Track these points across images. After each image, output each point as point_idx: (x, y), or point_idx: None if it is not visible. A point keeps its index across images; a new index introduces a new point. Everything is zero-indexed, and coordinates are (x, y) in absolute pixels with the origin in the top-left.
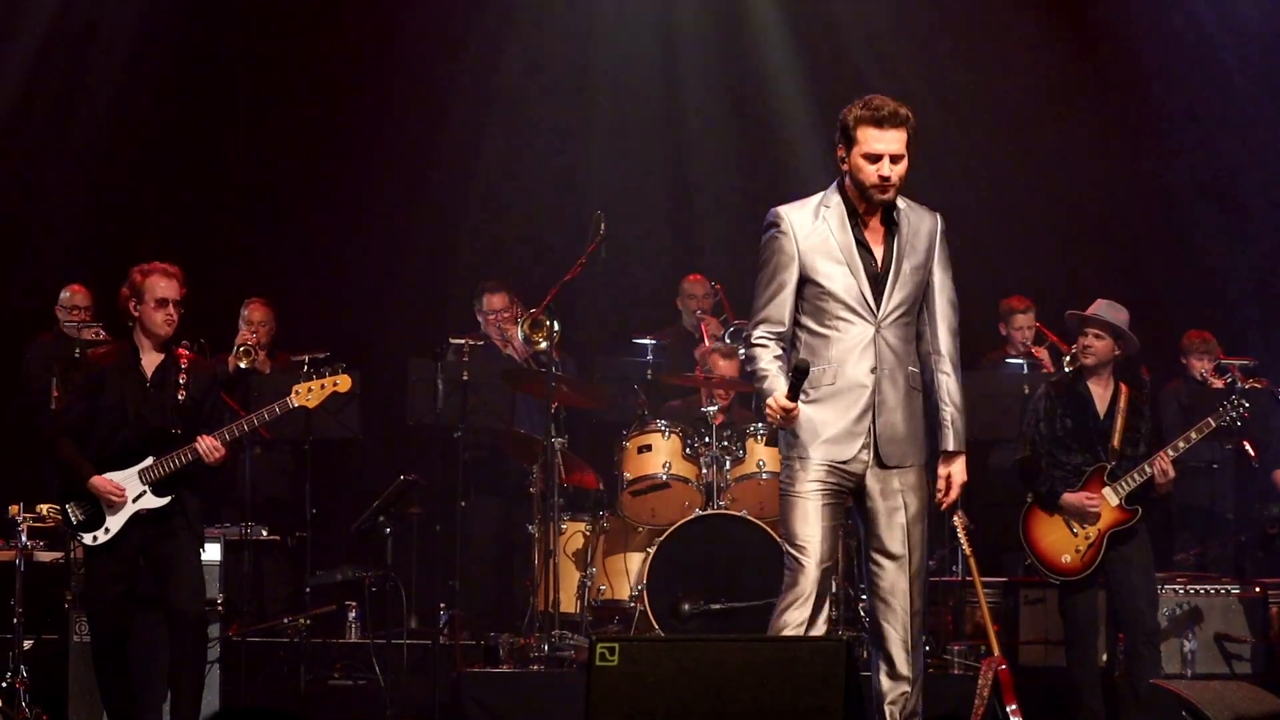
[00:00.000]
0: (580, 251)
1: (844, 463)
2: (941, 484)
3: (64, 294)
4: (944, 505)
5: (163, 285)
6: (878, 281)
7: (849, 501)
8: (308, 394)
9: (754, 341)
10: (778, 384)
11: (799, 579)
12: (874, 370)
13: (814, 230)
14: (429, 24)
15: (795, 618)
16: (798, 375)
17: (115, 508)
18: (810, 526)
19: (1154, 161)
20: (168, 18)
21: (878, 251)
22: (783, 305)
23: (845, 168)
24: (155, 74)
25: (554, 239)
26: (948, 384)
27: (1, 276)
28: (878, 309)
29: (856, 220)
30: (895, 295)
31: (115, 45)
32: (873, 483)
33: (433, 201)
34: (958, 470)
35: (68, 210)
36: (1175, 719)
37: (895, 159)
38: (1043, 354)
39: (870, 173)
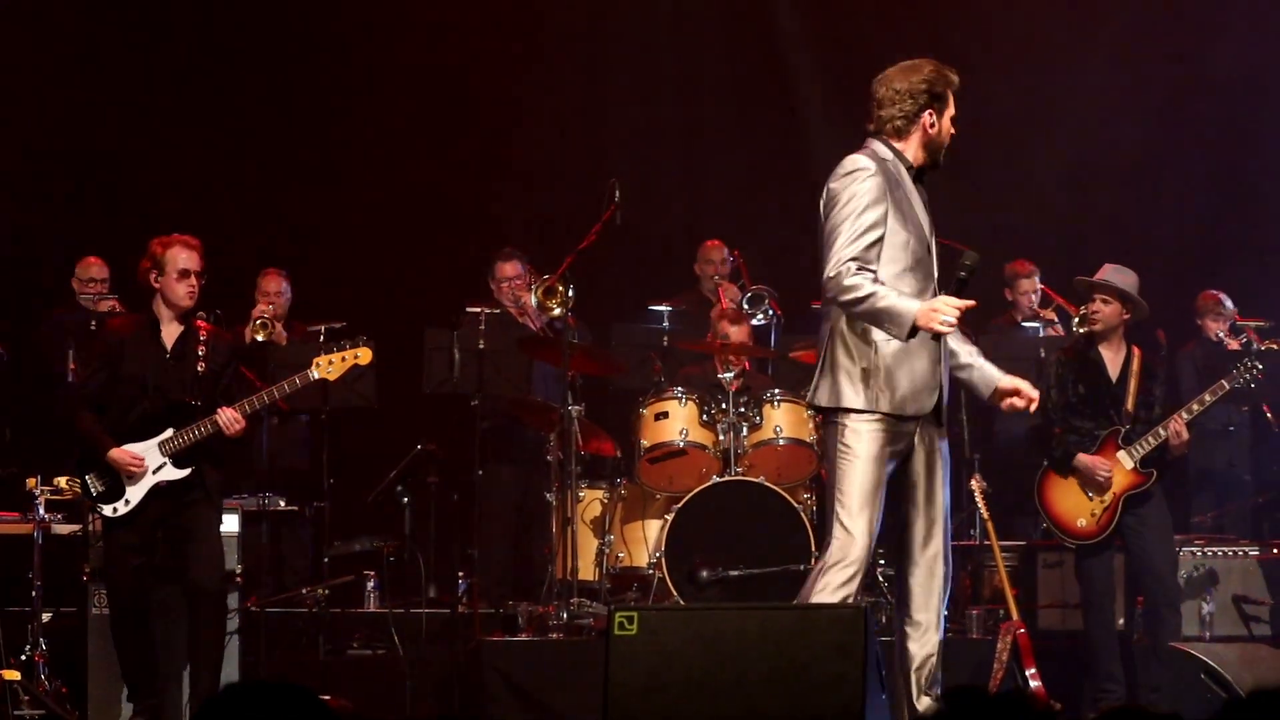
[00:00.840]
0: (595, 219)
1: (911, 419)
2: (1017, 395)
3: (80, 266)
4: (1034, 406)
5: (184, 256)
6: (930, 240)
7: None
8: (328, 366)
9: (854, 272)
10: (906, 301)
11: (850, 549)
12: None
13: (894, 183)
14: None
15: (844, 591)
16: (969, 269)
17: (135, 479)
18: (871, 503)
19: (1163, 117)
20: None
21: (925, 210)
22: (873, 249)
23: (933, 130)
24: (172, 44)
25: (569, 207)
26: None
27: (18, 249)
28: (933, 265)
29: (919, 177)
30: (935, 251)
31: (131, 13)
32: (919, 443)
33: (448, 170)
34: (1018, 380)
35: (84, 181)
36: (1195, 681)
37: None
38: (1050, 316)
39: (950, 133)
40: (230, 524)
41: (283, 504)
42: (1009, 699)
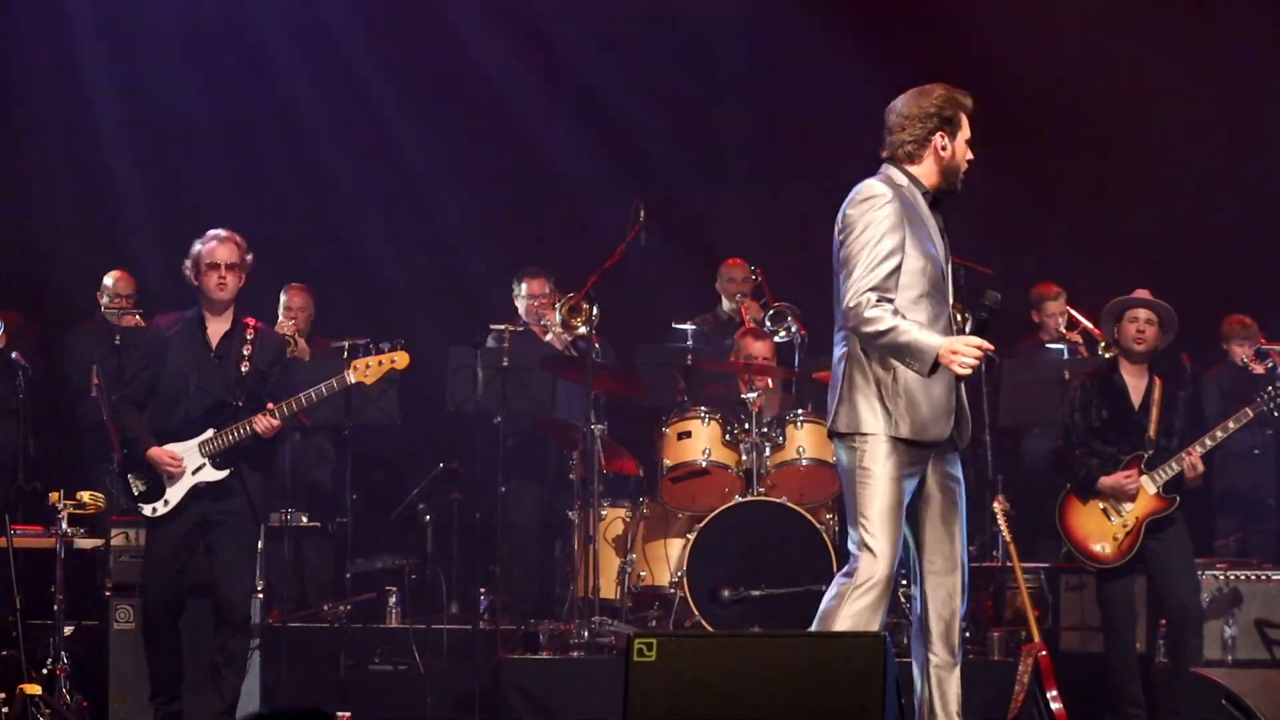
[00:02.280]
0: (620, 239)
1: (928, 443)
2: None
3: (106, 280)
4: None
5: (212, 249)
6: (946, 262)
7: None
8: (365, 370)
9: (874, 304)
10: (930, 336)
11: (876, 569)
12: None
13: (909, 209)
14: (469, 3)
15: (861, 606)
16: (990, 310)
17: (174, 479)
18: (893, 522)
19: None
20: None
21: (939, 235)
22: (893, 278)
23: (946, 154)
24: (194, 56)
25: (594, 226)
26: None
27: (45, 263)
28: (948, 286)
29: (934, 205)
30: (950, 278)
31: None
32: (932, 469)
33: (474, 187)
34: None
35: (109, 197)
36: (1216, 707)
37: (971, 145)
38: (1076, 339)
39: (966, 158)
40: None
41: (305, 519)
42: None
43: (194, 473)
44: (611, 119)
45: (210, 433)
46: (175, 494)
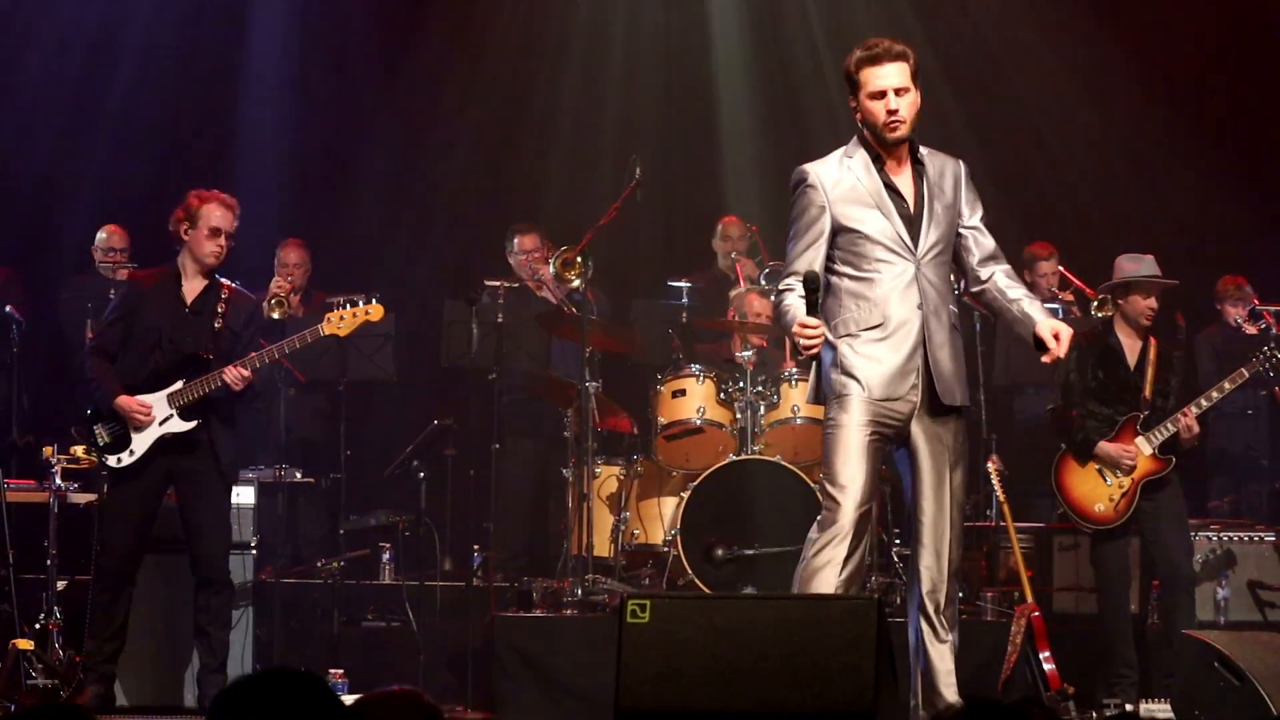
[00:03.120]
0: (616, 195)
1: (893, 401)
2: (1051, 339)
3: (100, 234)
4: (1056, 357)
5: (218, 215)
6: (912, 222)
7: (890, 446)
8: (339, 322)
9: (782, 288)
10: (799, 311)
11: (836, 517)
12: (920, 306)
13: (840, 179)
14: None
15: (828, 556)
16: (807, 288)
17: (142, 428)
18: (852, 466)
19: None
20: None
21: (908, 193)
22: (814, 257)
23: (859, 116)
24: (194, 12)
25: (589, 183)
26: (1008, 280)
27: (39, 217)
28: (915, 247)
29: (881, 166)
30: (931, 234)
31: None
32: (918, 428)
33: (468, 143)
34: (1059, 324)
35: (104, 150)
36: (1208, 669)
37: (900, 92)
38: (1069, 298)
39: (878, 110)
40: (246, 495)
41: (299, 475)
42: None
43: (161, 423)
44: (606, 74)
45: (180, 384)
46: (141, 444)
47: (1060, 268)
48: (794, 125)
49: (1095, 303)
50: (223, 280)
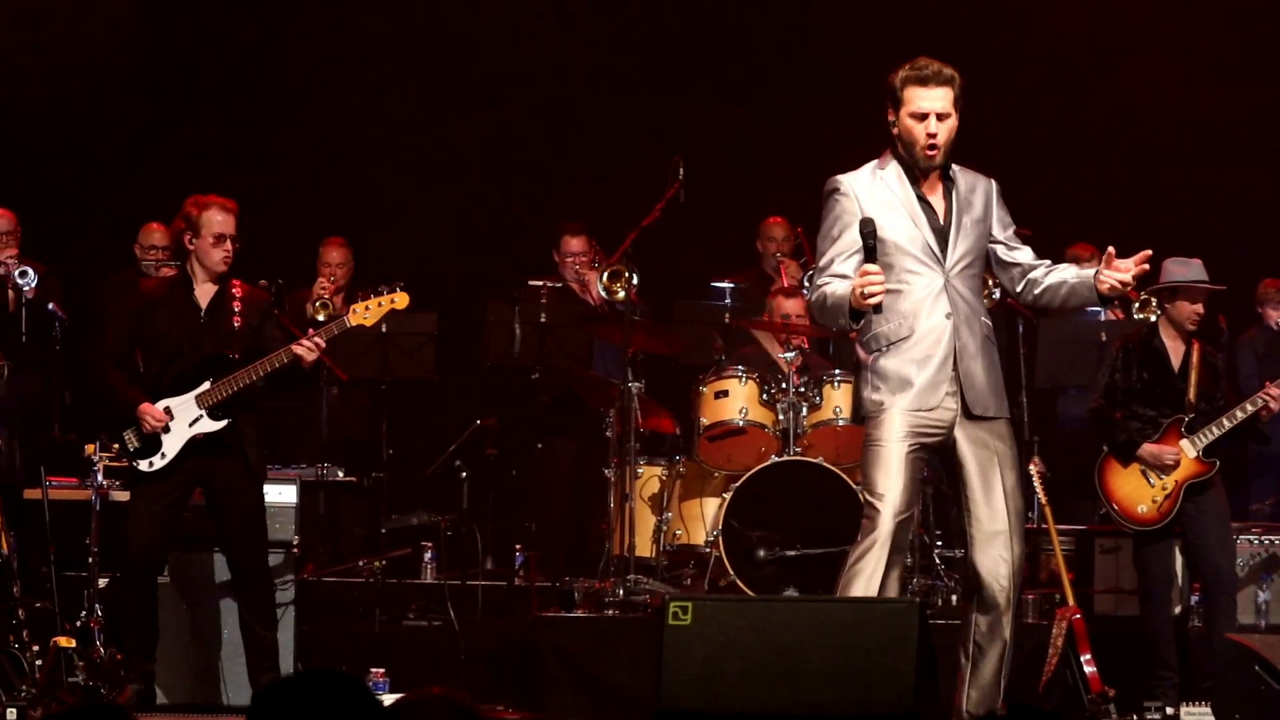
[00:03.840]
0: (659, 196)
1: (930, 410)
2: (1130, 263)
3: (142, 232)
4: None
5: (220, 220)
6: (942, 234)
7: (932, 455)
8: (365, 312)
9: (818, 284)
10: (841, 287)
11: (875, 527)
12: (949, 316)
13: (873, 190)
14: None
15: (868, 565)
16: (864, 232)
17: (171, 433)
18: (890, 477)
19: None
20: None
21: (939, 206)
22: (848, 264)
23: (895, 131)
24: (231, 9)
25: (633, 183)
26: (1048, 266)
27: (82, 214)
28: (944, 259)
29: (914, 178)
30: (960, 245)
31: None
32: (961, 435)
33: (511, 143)
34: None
35: (148, 148)
36: (1249, 672)
37: (941, 117)
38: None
39: (918, 133)
40: (288, 494)
41: (341, 474)
42: None
43: (191, 425)
44: (652, 71)
45: (207, 385)
46: (172, 447)
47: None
48: (840, 126)
49: (1136, 304)
50: (234, 281)
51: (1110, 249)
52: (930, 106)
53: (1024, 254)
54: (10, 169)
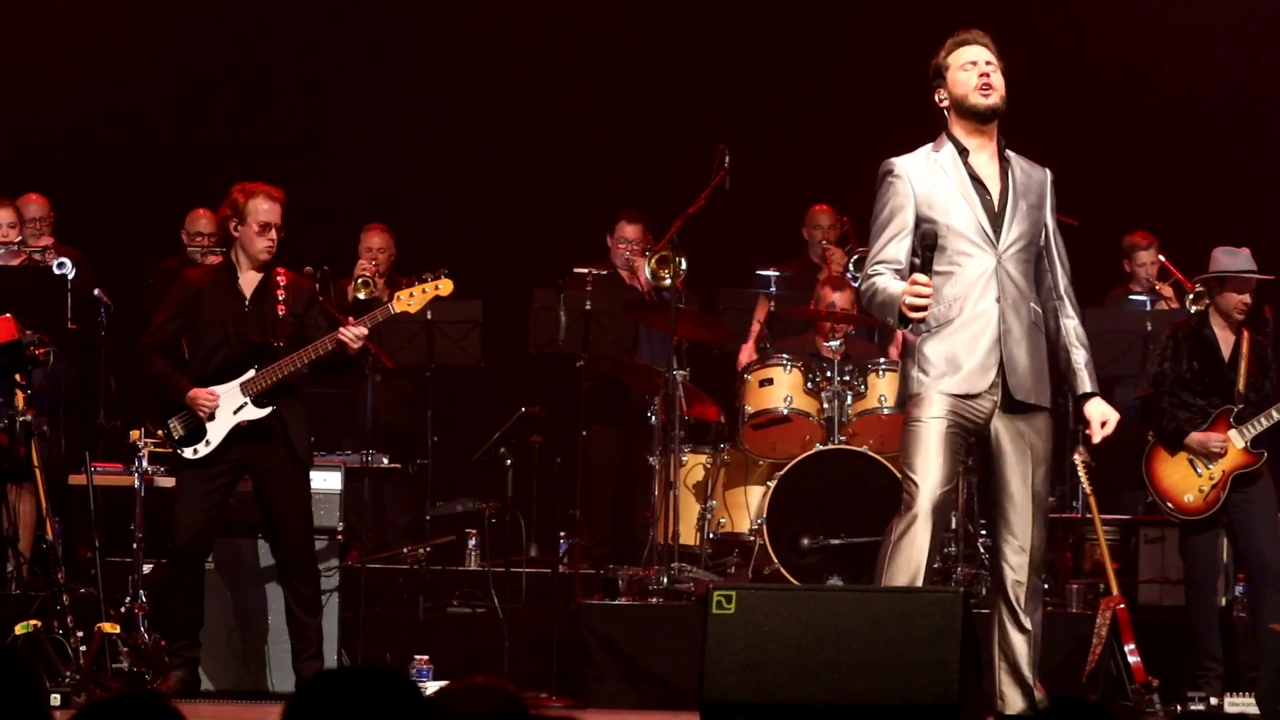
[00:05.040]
0: (704, 183)
1: (972, 399)
2: (1097, 425)
3: (189, 219)
4: (1099, 440)
5: (266, 209)
6: (995, 215)
7: (970, 440)
8: (409, 299)
9: (870, 273)
10: (894, 284)
11: (913, 506)
12: (998, 300)
13: (928, 172)
14: None
15: (905, 546)
16: (924, 245)
17: (216, 421)
18: (929, 458)
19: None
20: None
21: (994, 187)
22: (900, 246)
23: (948, 102)
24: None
25: (678, 171)
26: (1074, 327)
27: (128, 200)
28: (998, 240)
29: (967, 159)
30: (1015, 228)
31: None
32: (1000, 424)
33: (558, 129)
34: (1106, 407)
35: (192, 134)
36: None
37: (990, 63)
38: (1168, 290)
39: (969, 78)
40: (332, 481)
41: (385, 461)
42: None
43: (235, 412)
44: (699, 59)
45: (252, 372)
46: (217, 434)
47: (1162, 258)
48: (887, 113)
49: (1191, 295)
50: (278, 269)
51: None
52: (975, 55)
53: (1063, 278)
54: (54, 153)
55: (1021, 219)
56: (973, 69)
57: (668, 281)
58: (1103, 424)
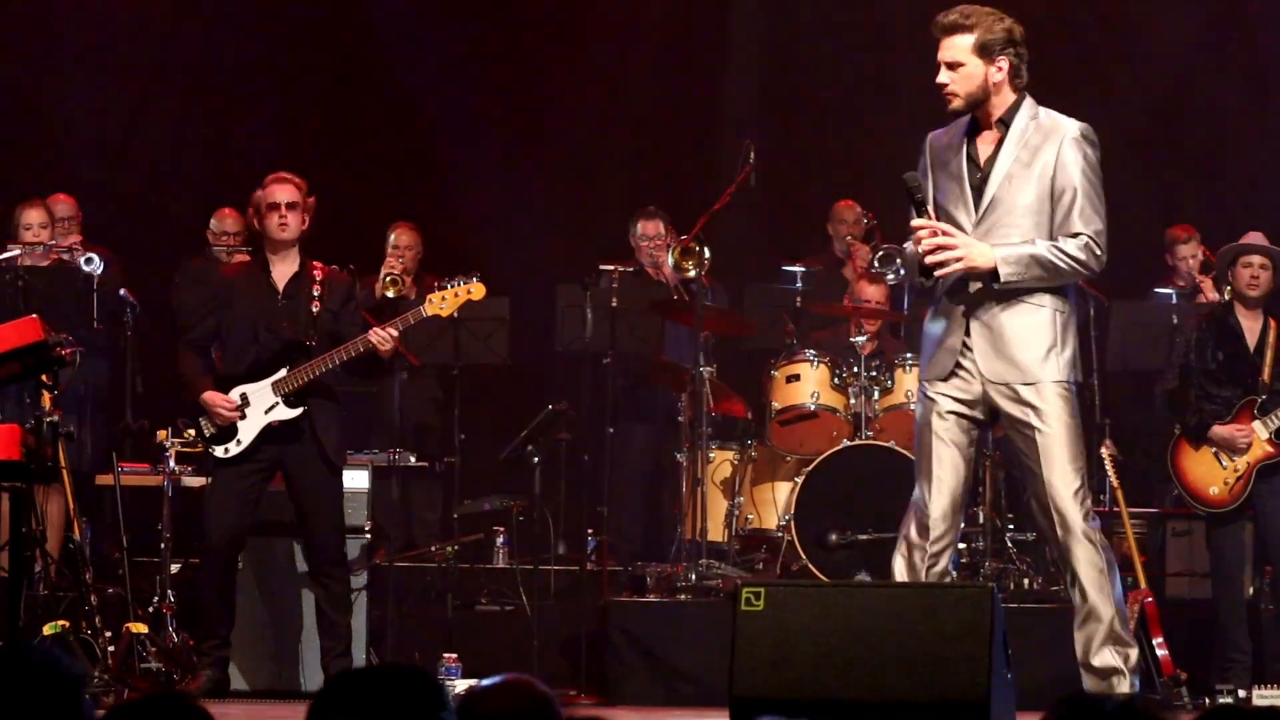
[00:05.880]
0: (730, 180)
1: (946, 380)
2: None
3: (215, 218)
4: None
5: (273, 189)
6: (978, 188)
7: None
8: (441, 302)
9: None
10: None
11: (923, 509)
12: (967, 279)
13: (945, 145)
14: None
15: (911, 552)
16: (910, 191)
17: (247, 420)
18: (921, 453)
19: None
20: None
21: (983, 157)
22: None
23: None
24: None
25: (705, 167)
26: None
27: (154, 200)
28: (975, 214)
29: (974, 134)
30: (997, 201)
31: None
32: (999, 399)
33: (582, 126)
34: (963, 239)
35: (221, 134)
36: None
37: (951, 66)
38: (1206, 283)
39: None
40: (360, 479)
41: (413, 460)
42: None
43: (267, 412)
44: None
45: (284, 372)
46: (248, 434)
47: (1203, 250)
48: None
49: (1228, 287)
50: (314, 263)
51: None
52: (940, 56)
53: (1069, 229)
54: (81, 152)
55: (1007, 188)
56: (938, 74)
57: (692, 273)
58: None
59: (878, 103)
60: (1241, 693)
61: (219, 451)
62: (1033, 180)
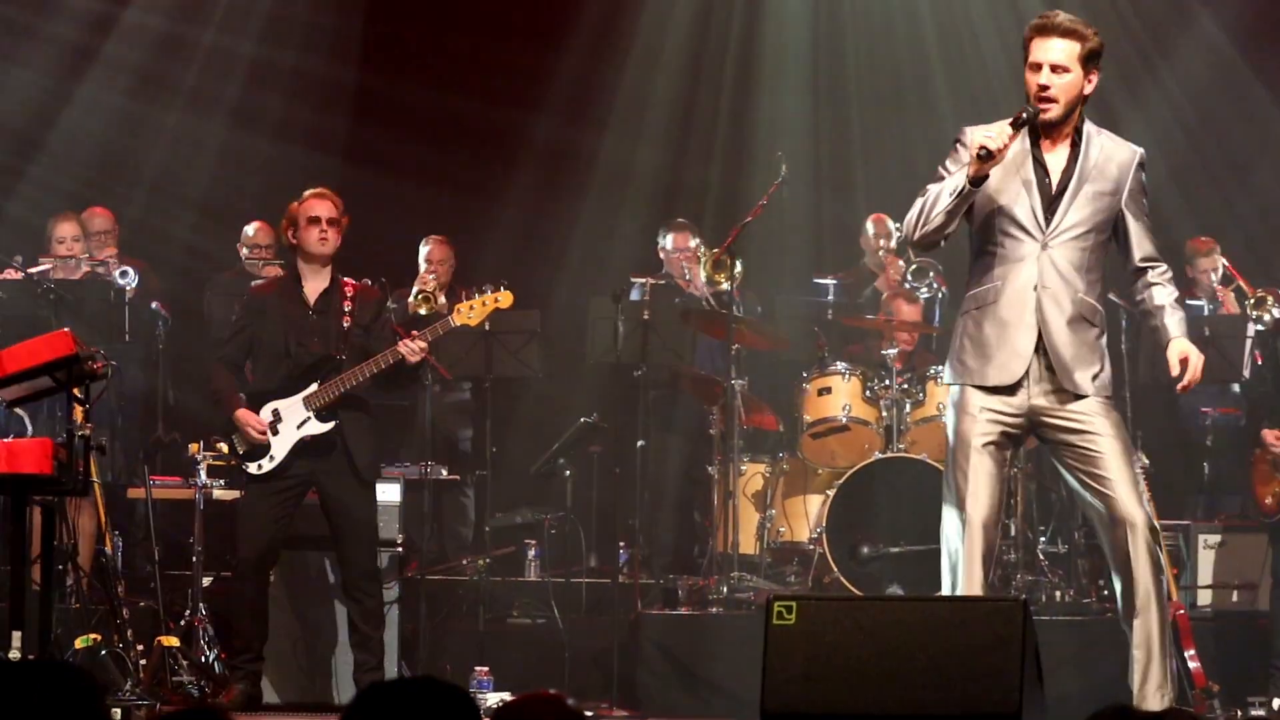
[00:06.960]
0: (761, 193)
1: (1008, 390)
2: (1174, 362)
3: (246, 231)
4: (1186, 388)
5: (311, 204)
6: (1052, 200)
7: (1014, 446)
8: (469, 312)
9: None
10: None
11: (964, 533)
12: (1036, 288)
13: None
14: None
15: (946, 560)
16: (1026, 116)
17: (280, 435)
18: (958, 459)
19: None
20: None
21: (1056, 170)
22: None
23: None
24: (338, 13)
25: (734, 180)
26: (1157, 290)
27: (187, 213)
28: (1046, 226)
29: (1039, 139)
30: (1069, 215)
31: None
32: (1049, 410)
33: (615, 141)
34: (1186, 345)
35: (252, 149)
36: None
37: (1056, 69)
38: (1227, 296)
39: (1031, 83)
40: (392, 492)
41: (444, 473)
42: None
43: (299, 427)
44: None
45: (315, 386)
46: (280, 450)
47: (1224, 262)
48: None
49: (1252, 300)
50: (345, 279)
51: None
52: (1044, 57)
53: (1147, 251)
54: (115, 165)
55: (1081, 205)
56: (1036, 74)
57: (724, 285)
58: (1182, 361)
59: (911, 115)
60: (1275, 705)
61: (252, 468)
62: (1105, 197)
